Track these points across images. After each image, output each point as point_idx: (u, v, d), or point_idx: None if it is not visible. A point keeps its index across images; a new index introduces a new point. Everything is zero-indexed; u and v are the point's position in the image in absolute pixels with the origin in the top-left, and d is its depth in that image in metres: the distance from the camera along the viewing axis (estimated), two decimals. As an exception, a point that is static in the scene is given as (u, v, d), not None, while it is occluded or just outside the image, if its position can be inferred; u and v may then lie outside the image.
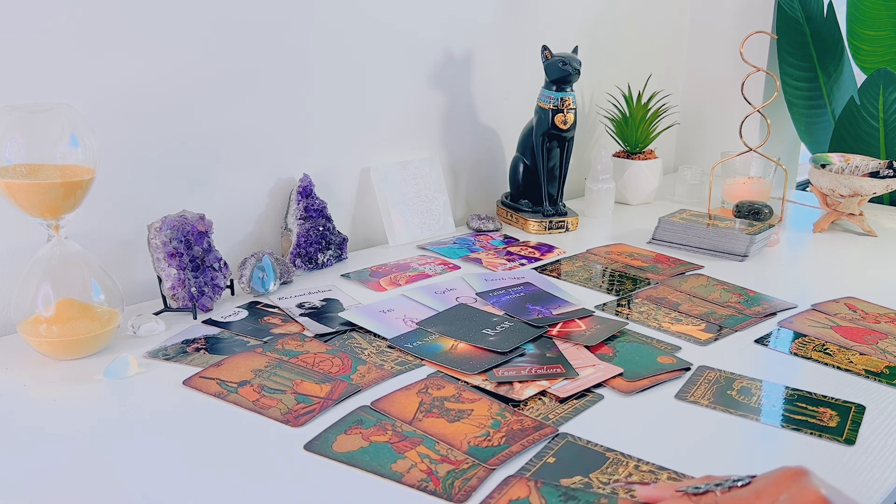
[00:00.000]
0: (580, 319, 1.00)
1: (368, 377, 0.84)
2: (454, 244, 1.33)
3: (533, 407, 0.79)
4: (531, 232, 1.41)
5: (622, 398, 0.81)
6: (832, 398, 0.82)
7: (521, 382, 0.83)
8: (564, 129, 1.37)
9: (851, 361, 0.91)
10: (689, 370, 0.87)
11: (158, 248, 0.98)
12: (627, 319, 1.01)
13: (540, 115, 1.38)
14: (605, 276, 1.19)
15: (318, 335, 0.94)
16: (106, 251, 1.03)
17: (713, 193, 1.63)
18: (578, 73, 1.34)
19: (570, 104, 1.36)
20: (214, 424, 0.75)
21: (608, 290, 1.13)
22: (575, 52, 1.38)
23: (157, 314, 0.98)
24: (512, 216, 1.47)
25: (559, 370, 0.85)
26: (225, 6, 1.08)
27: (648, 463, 0.69)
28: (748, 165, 1.56)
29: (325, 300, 1.06)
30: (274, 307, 1.04)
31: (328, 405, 0.78)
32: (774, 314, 1.05)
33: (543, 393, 0.81)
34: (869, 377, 0.87)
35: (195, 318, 0.99)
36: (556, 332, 0.96)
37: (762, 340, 0.97)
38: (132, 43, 1.01)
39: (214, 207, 1.13)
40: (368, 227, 1.35)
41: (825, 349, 0.94)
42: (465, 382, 0.83)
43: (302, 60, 1.19)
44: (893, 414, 0.80)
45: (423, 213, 1.36)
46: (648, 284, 1.15)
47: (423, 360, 0.88)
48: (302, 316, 1.00)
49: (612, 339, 0.95)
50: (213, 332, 0.95)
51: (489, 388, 0.82)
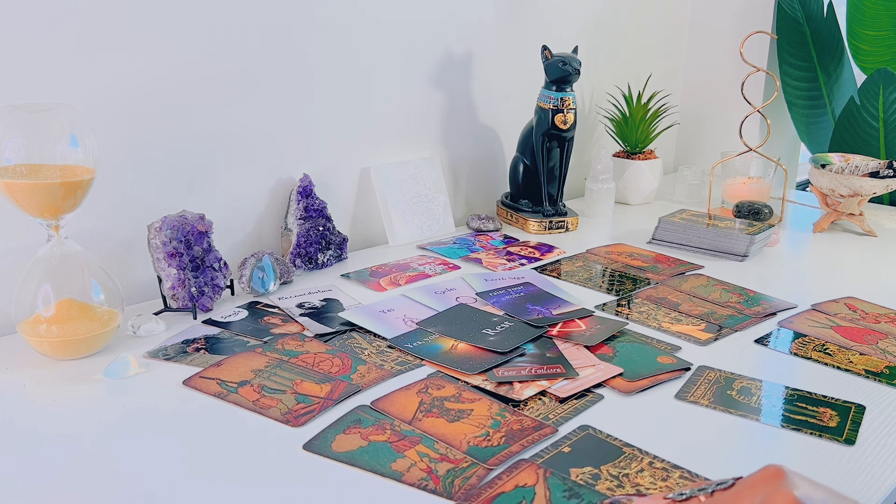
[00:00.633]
0: (580, 319, 1.00)
1: (368, 377, 0.84)
2: (454, 244, 1.33)
3: (533, 407, 0.79)
4: (531, 232, 1.41)
5: (622, 398, 0.81)
6: (832, 398, 0.82)
7: (521, 382, 0.83)
8: (564, 129, 1.37)
9: (851, 361, 0.91)
10: (689, 370, 0.87)
11: (158, 248, 0.98)
12: (627, 319, 1.01)
13: (540, 115, 1.38)
14: (605, 276, 1.19)
15: (318, 335, 0.94)
16: (106, 251, 1.03)
17: (713, 193, 1.63)
18: (578, 73, 1.34)
19: (570, 104, 1.36)
20: (214, 424, 0.75)
21: (608, 290, 1.13)
22: (575, 52, 1.38)
23: (157, 314, 0.98)
24: (512, 216, 1.47)
25: (559, 370, 0.85)
26: (225, 6, 1.08)
27: (663, 460, 0.69)
28: (748, 165, 1.56)
29: (325, 300, 1.06)
30: (274, 307, 1.04)
31: (328, 405, 0.78)
32: (774, 314, 1.05)
33: (543, 393, 0.81)
34: (869, 377, 0.87)
35: (195, 318, 0.99)
36: (556, 332, 0.96)
37: (762, 340, 0.97)
38: (132, 43, 1.01)
39: (214, 207, 1.13)
40: (368, 227, 1.35)
41: (825, 349, 0.94)
42: (465, 382, 0.83)
43: (302, 61, 1.19)
44: (893, 414, 0.80)
45: (423, 213, 1.36)
46: (648, 284, 1.15)
47: (423, 360, 0.88)
48: (302, 316, 1.00)
49: (612, 339, 0.95)
50: (213, 332, 0.95)
51: (489, 388, 0.82)
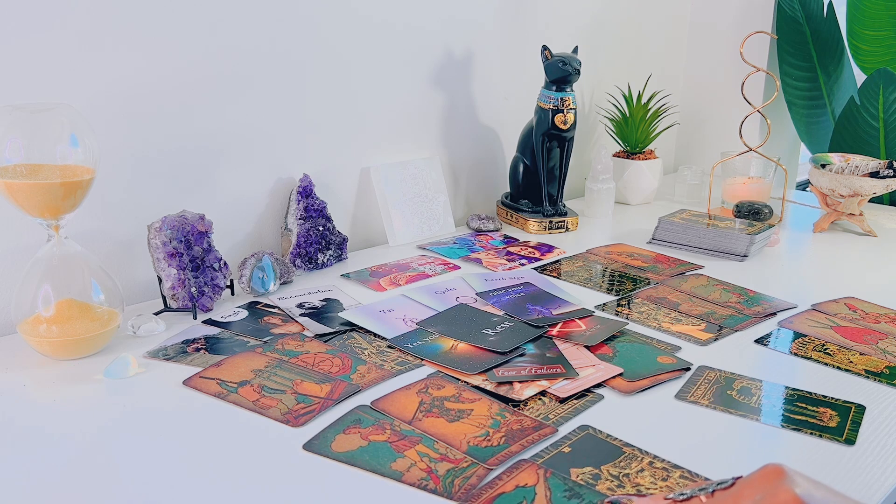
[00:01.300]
0: (580, 319, 1.00)
1: (368, 377, 0.84)
2: (454, 244, 1.33)
3: (533, 407, 0.79)
4: (531, 232, 1.41)
5: (622, 398, 0.81)
6: (832, 398, 0.82)
7: (521, 382, 0.83)
8: (564, 129, 1.37)
9: (851, 361, 0.91)
10: (689, 370, 0.87)
11: (158, 248, 0.98)
12: (627, 319, 1.01)
13: (540, 115, 1.38)
14: (605, 276, 1.19)
15: (318, 335, 0.94)
16: (106, 251, 1.03)
17: (713, 193, 1.63)
18: (578, 73, 1.34)
19: (570, 104, 1.36)
20: (214, 424, 0.75)
21: (608, 290, 1.13)
22: (575, 52, 1.38)
23: (157, 314, 0.98)
24: (512, 216, 1.47)
25: (559, 370, 0.85)
26: (225, 6, 1.08)
27: (663, 460, 0.69)
28: (748, 165, 1.56)
29: (325, 300, 1.06)
30: (274, 307, 1.04)
31: (328, 405, 0.78)
32: (774, 314, 1.05)
33: (543, 393, 0.81)
34: (869, 377, 0.87)
35: (195, 318, 0.99)
36: (556, 332, 0.96)
37: (762, 340, 0.97)
38: (132, 43, 1.01)
39: (214, 207, 1.13)
40: (368, 227, 1.35)
41: (825, 349, 0.94)
42: (465, 382, 0.83)
43: (302, 60, 1.19)
44: (893, 414, 0.80)
45: (423, 213, 1.36)
46: (648, 284, 1.15)
47: (423, 360, 0.88)
48: (302, 316, 1.00)
49: (612, 339, 0.95)
50: (213, 332, 0.95)
51: (489, 388, 0.82)
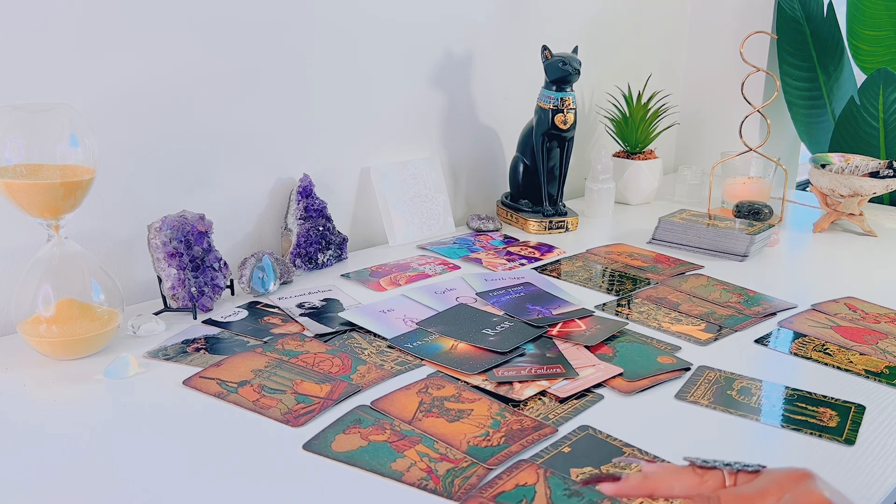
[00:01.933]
0: (580, 319, 1.00)
1: (368, 377, 0.84)
2: (454, 244, 1.33)
3: (533, 407, 0.79)
4: (531, 232, 1.41)
5: (622, 398, 0.81)
6: (832, 398, 0.82)
7: (521, 382, 0.83)
8: (564, 129, 1.37)
9: (851, 361, 0.91)
10: (689, 370, 0.87)
11: (158, 248, 0.98)
12: (627, 319, 1.01)
13: (540, 115, 1.38)
14: (605, 276, 1.19)
15: (318, 335, 0.94)
16: (106, 251, 1.03)
17: (713, 193, 1.63)
18: (578, 73, 1.34)
19: (570, 104, 1.36)
20: (214, 424, 0.75)
21: (608, 290, 1.13)
22: (575, 52, 1.38)
23: (157, 314, 0.98)
24: (512, 216, 1.47)
25: (559, 370, 0.85)
26: (225, 6, 1.08)
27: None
28: (748, 165, 1.56)
29: (325, 300, 1.06)
30: (274, 307, 1.04)
31: (328, 405, 0.78)
32: (774, 314, 1.05)
33: (543, 393, 0.81)
34: (869, 377, 0.87)
35: (195, 318, 0.99)
36: (556, 332, 0.96)
37: (762, 340, 0.97)
38: (132, 43, 1.01)
39: (214, 207, 1.13)
40: (368, 227, 1.35)
41: (825, 349, 0.94)
42: (465, 382, 0.83)
43: (302, 60, 1.19)
44: (893, 414, 0.80)
45: (423, 213, 1.36)
46: (648, 284, 1.15)
47: (423, 360, 0.88)
48: (302, 316, 1.00)
49: (612, 339, 0.95)
50: (213, 332, 0.95)
51: (489, 388, 0.82)
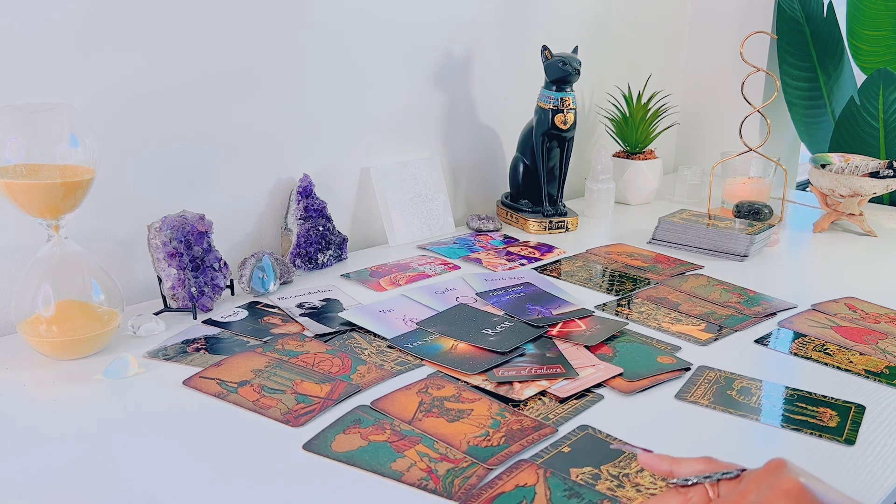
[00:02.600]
0: (580, 319, 1.00)
1: (368, 377, 0.84)
2: (454, 244, 1.33)
3: (533, 407, 0.79)
4: (531, 232, 1.41)
5: (622, 398, 0.81)
6: (832, 398, 0.82)
7: (521, 382, 0.83)
8: (564, 129, 1.37)
9: (851, 361, 0.91)
10: (689, 370, 0.87)
11: (158, 248, 0.98)
12: (627, 319, 1.01)
13: (540, 115, 1.38)
14: (605, 276, 1.19)
15: (318, 335, 0.94)
16: (106, 251, 1.03)
17: (713, 193, 1.63)
18: (578, 73, 1.34)
19: (570, 104, 1.36)
20: (214, 424, 0.75)
21: (608, 290, 1.13)
22: (575, 52, 1.38)
23: (157, 314, 0.98)
24: (512, 216, 1.47)
25: (559, 370, 0.85)
26: (225, 6, 1.08)
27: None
28: (748, 165, 1.56)
29: (325, 300, 1.06)
30: (274, 307, 1.04)
31: (328, 405, 0.78)
32: (774, 314, 1.05)
33: (543, 393, 0.81)
34: (869, 377, 0.87)
35: (195, 318, 0.99)
36: (556, 332, 0.96)
37: (762, 340, 0.97)
38: (132, 43, 1.01)
39: (214, 207, 1.13)
40: (368, 227, 1.35)
41: (825, 349, 0.94)
42: (465, 382, 0.83)
43: (302, 60, 1.19)
44: (893, 414, 0.80)
45: (423, 213, 1.36)
46: (648, 284, 1.15)
47: (423, 360, 0.88)
48: (302, 316, 1.00)
49: (612, 339, 0.95)
50: (213, 332, 0.95)
51: (489, 388, 0.82)
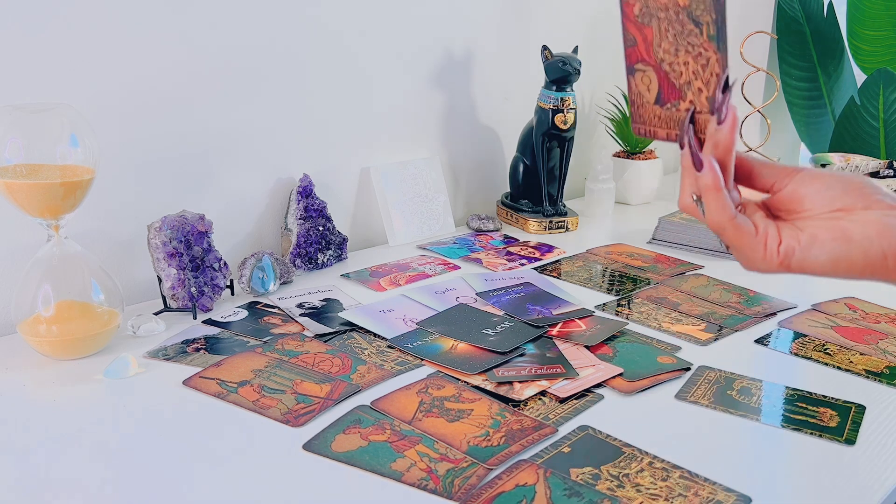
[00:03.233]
0: (580, 319, 1.00)
1: (368, 377, 0.84)
2: (454, 244, 1.33)
3: (533, 407, 0.79)
4: (531, 232, 1.41)
5: (622, 398, 0.81)
6: (832, 398, 0.82)
7: (521, 382, 0.83)
8: (564, 129, 1.37)
9: (851, 361, 0.91)
10: (689, 370, 0.87)
11: (158, 248, 0.98)
12: (627, 319, 1.01)
13: (540, 115, 1.38)
14: (605, 276, 1.19)
15: (318, 335, 0.94)
16: (106, 251, 1.03)
17: (713, 193, 1.63)
18: (578, 72, 1.34)
19: (570, 104, 1.36)
20: (214, 424, 0.75)
21: (608, 290, 1.13)
22: (575, 52, 1.38)
23: (157, 314, 0.98)
24: (512, 216, 1.47)
25: (559, 370, 0.85)
26: (225, 6, 1.08)
27: (663, 460, 0.69)
28: (748, 165, 1.56)
29: (325, 300, 1.06)
30: (274, 307, 1.04)
31: (328, 405, 0.78)
32: (774, 314, 1.05)
33: (543, 393, 0.81)
34: (869, 377, 0.87)
35: (195, 318, 0.99)
36: (556, 332, 0.96)
37: (762, 340, 0.97)
38: (132, 43, 1.00)
39: (214, 207, 1.13)
40: (368, 227, 1.35)
41: (825, 349, 0.94)
42: (465, 382, 0.83)
43: (302, 60, 1.19)
44: (893, 414, 0.80)
45: (423, 213, 1.36)
46: (648, 284, 1.15)
47: (423, 360, 0.88)
48: (302, 316, 1.00)
49: (612, 339, 0.95)
50: (213, 332, 0.95)
51: (489, 388, 0.82)
